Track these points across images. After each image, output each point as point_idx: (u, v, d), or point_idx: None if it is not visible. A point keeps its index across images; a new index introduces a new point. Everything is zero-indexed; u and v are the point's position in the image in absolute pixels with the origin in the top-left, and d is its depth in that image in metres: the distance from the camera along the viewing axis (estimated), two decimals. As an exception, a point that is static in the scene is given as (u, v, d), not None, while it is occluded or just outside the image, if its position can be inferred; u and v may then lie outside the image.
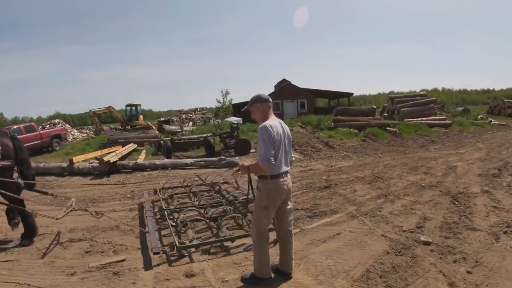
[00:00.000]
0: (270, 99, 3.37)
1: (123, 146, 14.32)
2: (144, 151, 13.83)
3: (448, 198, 6.18)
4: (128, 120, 27.71)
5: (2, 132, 4.84)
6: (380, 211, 5.59)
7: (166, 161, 11.14)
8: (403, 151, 12.85)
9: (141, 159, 11.88)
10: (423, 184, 7.26)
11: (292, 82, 31.97)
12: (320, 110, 29.45)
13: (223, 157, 11.27)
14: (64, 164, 10.64)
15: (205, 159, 11.37)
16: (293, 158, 3.86)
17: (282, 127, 3.28)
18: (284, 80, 33.66)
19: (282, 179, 3.22)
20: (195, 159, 11.28)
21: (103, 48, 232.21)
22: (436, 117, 21.76)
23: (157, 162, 10.88)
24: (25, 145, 16.95)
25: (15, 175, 4.83)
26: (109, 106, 27.72)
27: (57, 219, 4.69)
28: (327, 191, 7.03)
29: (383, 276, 3.47)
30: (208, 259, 4.03)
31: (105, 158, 10.55)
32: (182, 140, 14.59)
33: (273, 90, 34.50)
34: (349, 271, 3.62)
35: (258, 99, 3.32)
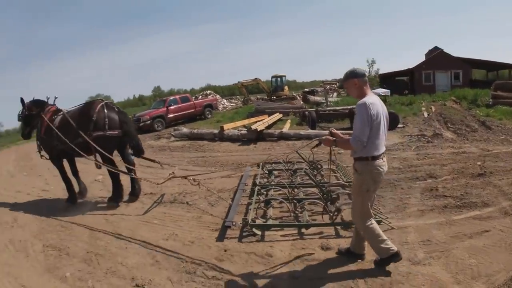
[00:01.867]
0: (366, 73, 3.21)
1: (269, 116, 15.03)
2: (289, 121, 14.24)
3: None
4: (274, 91, 28.81)
5: (110, 107, 5.39)
6: (544, 210, 4.31)
7: (310, 131, 11.18)
8: None
9: (286, 128, 12.24)
10: None
11: (445, 50, 27.61)
12: (477, 83, 24.70)
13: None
14: (215, 131, 11.96)
15: (349, 131, 10.95)
16: None
17: (381, 105, 3.10)
18: (436, 48, 29.21)
19: (382, 161, 3.09)
20: (339, 131, 10.99)
21: (242, 23, 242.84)
22: None
23: (302, 132, 11.01)
24: (181, 113, 19.97)
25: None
26: (256, 78, 29.34)
27: (158, 184, 5.23)
28: (480, 179, 5.75)
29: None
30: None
31: (253, 127, 11.30)
32: (327, 111, 14.40)
33: (423, 59, 30.44)
34: (491, 275, 3.06)
35: (353, 74, 3.12)
